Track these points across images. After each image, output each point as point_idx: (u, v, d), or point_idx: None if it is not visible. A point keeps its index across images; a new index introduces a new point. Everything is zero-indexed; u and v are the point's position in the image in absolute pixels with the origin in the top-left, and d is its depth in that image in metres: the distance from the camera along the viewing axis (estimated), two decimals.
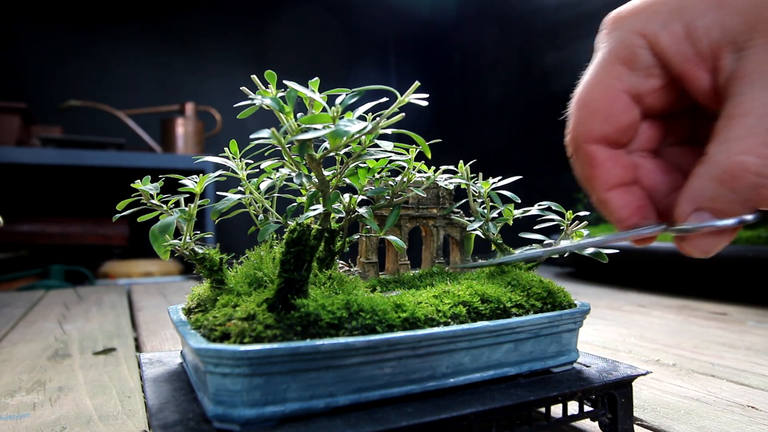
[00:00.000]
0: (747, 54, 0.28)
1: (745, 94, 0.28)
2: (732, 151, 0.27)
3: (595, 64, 0.33)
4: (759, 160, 0.27)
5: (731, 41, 0.29)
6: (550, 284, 0.44)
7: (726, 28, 0.29)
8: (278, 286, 0.33)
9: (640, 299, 1.15)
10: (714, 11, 0.29)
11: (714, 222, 0.29)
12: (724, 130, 0.28)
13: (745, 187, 0.27)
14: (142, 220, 0.43)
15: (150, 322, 0.92)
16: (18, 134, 1.87)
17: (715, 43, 0.29)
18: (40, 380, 0.59)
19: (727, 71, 0.29)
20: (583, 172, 0.34)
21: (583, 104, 0.33)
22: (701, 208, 0.29)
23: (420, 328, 0.35)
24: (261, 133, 0.37)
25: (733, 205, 0.28)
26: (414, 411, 0.33)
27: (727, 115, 0.28)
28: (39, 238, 2.02)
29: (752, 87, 0.27)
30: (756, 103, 0.27)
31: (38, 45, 2.27)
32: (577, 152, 0.33)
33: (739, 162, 0.27)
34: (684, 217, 0.30)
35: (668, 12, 0.30)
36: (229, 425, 0.30)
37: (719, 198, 0.28)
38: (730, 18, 0.28)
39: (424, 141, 0.42)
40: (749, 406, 0.50)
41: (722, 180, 0.28)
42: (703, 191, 0.29)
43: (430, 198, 0.51)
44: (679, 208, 0.30)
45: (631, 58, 0.31)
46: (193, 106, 2.21)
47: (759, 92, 0.27)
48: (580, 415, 0.40)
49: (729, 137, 0.28)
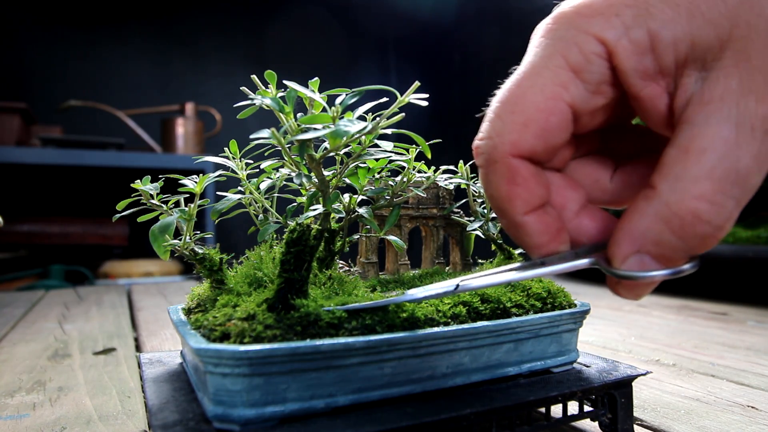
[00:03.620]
0: (713, 76, 0.24)
1: (705, 125, 0.24)
2: (686, 194, 0.24)
3: (534, 62, 0.27)
4: (713, 208, 0.24)
5: (698, 58, 0.25)
6: (550, 284, 0.44)
7: (696, 43, 0.24)
8: (278, 286, 0.33)
9: (640, 299, 1.15)
10: (685, 21, 0.24)
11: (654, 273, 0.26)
12: (678, 166, 0.24)
13: (694, 236, 0.25)
14: (142, 220, 0.43)
15: (150, 322, 0.92)
16: (18, 134, 1.87)
17: (680, 59, 0.25)
18: (40, 380, 0.59)
19: (687, 93, 0.25)
20: (498, 189, 0.28)
21: (516, 108, 0.27)
22: (642, 251, 0.26)
23: (420, 328, 0.35)
24: (261, 133, 0.37)
25: (676, 252, 0.25)
26: (414, 411, 0.33)
27: (683, 147, 0.24)
28: (39, 238, 2.02)
29: (714, 118, 0.24)
30: (716, 139, 0.24)
31: (38, 45, 2.28)
32: (493, 164, 0.27)
33: (693, 209, 0.24)
34: (623, 259, 0.26)
35: (632, 17, 0.25)
36: (229, 425, 0.30)
37: (664, 243, 0.25)
38: (703, 30, 0.24)
39: (424, 141, 0.42)
40: (749, 406, 0.50)
41: (671, 225, 0.25)
42: (647, 233, 0.25)
43: (430, 198, 0.51)
44: (618, 248, 0.26)
45: (582, 67, 0.26)
46: (193, 106, 2.21)
47: (721, 125, 0.24)
48: (580, 415, 0.40)
49: (683, 176, 0.24)
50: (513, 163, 0.27)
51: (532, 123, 0.27)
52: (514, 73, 0.28)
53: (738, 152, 0.24)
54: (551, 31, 0.27)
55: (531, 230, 0.28)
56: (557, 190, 0.30)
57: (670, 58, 0.25)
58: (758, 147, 0.24)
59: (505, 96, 0.28)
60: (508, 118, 0.27)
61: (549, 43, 0.27)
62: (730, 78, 0.24)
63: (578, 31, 0.26)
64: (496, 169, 0.28)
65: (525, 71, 0.27)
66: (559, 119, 0.27)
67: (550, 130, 0.27)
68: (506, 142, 0.27)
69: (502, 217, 0.29)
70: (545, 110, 0.26)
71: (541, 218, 0.28)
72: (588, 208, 0.31)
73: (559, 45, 0.26)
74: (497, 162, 0.27)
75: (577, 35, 0.26)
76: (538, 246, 0.29)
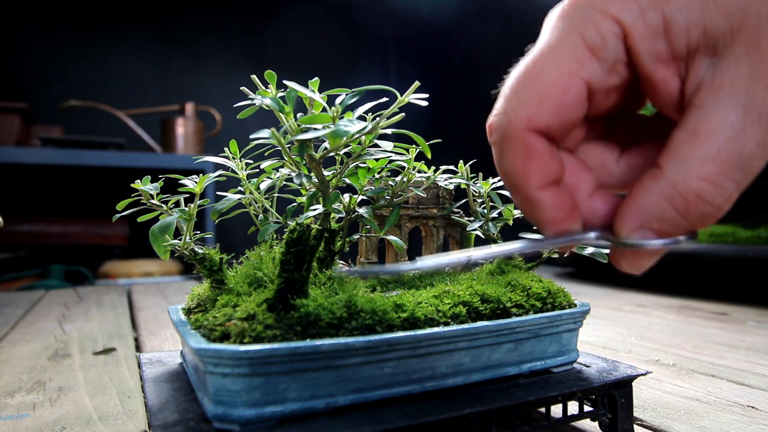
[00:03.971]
0: (724, 62, 0.25)
1: (714, 109, 0.25)
2: (690, 174, 0.25)
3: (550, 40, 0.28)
4: (715, 190, 0.25)
5: (710, 44, 0.25)
6: (550, 284, 0.44)
7: (708, 30, 0.25)
8: (278, 286, 0.33)
9: (640, 299, 1.15)
10: (698, 7, 0.25)
11: (655, 242, 0.27)
12: (685, 147, 0.25)
13: (695, 214, 0.26)
14: (142, 220, 0.43)
15: (150, 322, 0.92)
16: (18, 134, 1.87)
17: (692, 45, 0.26)
18: (40, 380, 0.59)
19: (698, 78, 0.26)
20: (513, 164, 0.28)
21: (533, 84, 0.27)
22: (645, 227, 0.27)
23: (420, 328, 0.35)
24: (261, 133, 0.37)
25: (677, 228, 0.27)
26: (414, 411, 0.33)
27: (691, 129, 0.25)
28: (39, 238, 2.02)
29: (723, 103, 0.25)
30: (724, 123, 0.25)
31: (38, 45, 2.27)
32: (509, 139, 0.28)
33: (696, 189, 0.25)
34: (627, 233, 0.28)
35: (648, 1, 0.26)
36: (229, 425, 0.30)
37: (667, 220, 0.27)
38: (715, 18, 0.25)
39: (424, 141, 0.42)
40: (749, 406, 0.50)
41: (674, 203, 0.26)
42: (651, 209, 0.27)
43: (430, 198, 0.51)
44: (622, 222, 0.28)
45: (599, 45, 0.27)
46: (193, 106, 2.21)
47: (729, 110, 0.25)
48: (580, 415, 0.40)
49: (690, 156, 0.25)
50: (528, 137, 0.27)
51: (549, 98, 0.27)
52: (530, 52, 0.28)
53: (744, 137, 0.25)
54: (568, 13, 0.28)
55: (545, 206, 0.28)
56: (571, 170, 0.30)
57: (683, 43, 0.26)
58: (763, 133, 0.25)
59: (521, 73, 0.28)
60: (524, 94, 0.27)
61: (566, 22, 0.27)
62: (741, 65, 0.25)
63: (595, 12, 0.26)
64: (511, 143, 0.28)
65: (542, 49, 0.28)
66: (575, 95, 0.27)
67: (566, 105, 0.27)
68: (522, 116, 0.27)
69: (516, 193, 0.29)
70: (562, 86, 0.27)
71: (555, 194, 0.28)
72: (600, 191, 0.31)
73: (577, 24, 0.27)
74: (512, 137, 0.28)
75: (595, 15, 0.26)
76: (551, 222, 0.29)
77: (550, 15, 0.29)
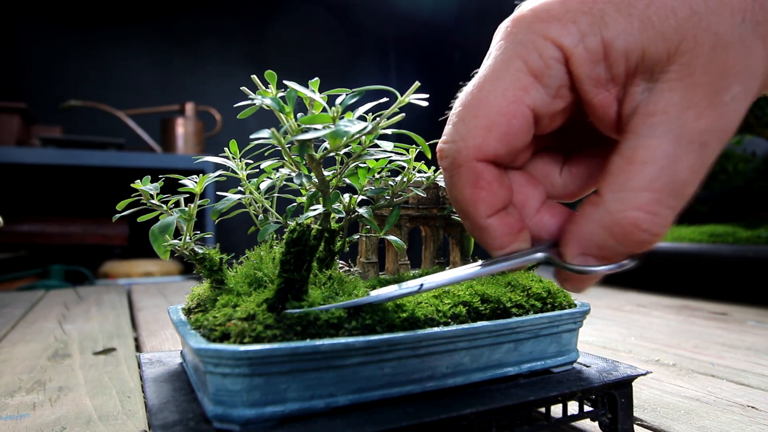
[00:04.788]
0: (658, 88, 0.25)
1: (648, 137, 0.25)
2: (627, 204, 0.26)
3: (495, 66, 0.28)
4: (651, 218, 0.26)
5: (647, 69, 0.25)
6: (550, 284, 0.44)
7: (646, 54, 0.25)
8: (278, 286, 0.33)
9: (640, 299, 1.15)
10: (637, 31, 0.25)
11: (600, 268, 0.28)
12: (622, 176, 0.26)
13: (633, 241, 0.27)
14: (142, 220, 0.43)
15: (150, 322, 0.92)
16: (18, 134, 1.87)
17: (631, 69, 0.26)
18: (40, 380, 0.59)
19: (634, 102, 0.26)
20: (463, 192, 0.28)
21: (479, 112, 0.27)
22: (587, 254, 0.28)
23: (420, 328, 0.35)
24: (261, 133, 0.37)
25: (617, 255, 0.28)
26: (414, 411, 0.33)
27: (627, 157, 0.26)
28: (39, 238, 2.02)
29: (657, 130, 0.25)
30: (657, 152, 0.25)
31: (38, 45, 2.27)
32: (458, 168, 0.28)
33: (633, 219, 0.26)
34: (570, 259, 0.29)
35: (588, 25, 0.25)
36: (228, 425, 0.30)
37: (606, 248, 0.27)
38: (653, 42, 0.25)
39: (424, 141, 0.42)
40: (749, 406, 0.50)
41: (613, 232, 0.27)
42: (592, 238, 0.27)
43: (430, 198, 0.51)
44: (566, 248, 0.29)
45: (542, 71, 0.27)
46: (193, 106, 2.21)
47: (662, 138, 0.25)
48: (580, 415, 0.40)
49: (626, 186, 0.26)
50: (477, 167, 0.28)
51: (495, 127, 0.27)
52: (476, 77, 0.29)
53: (676, 165, 0.25)
54: (511, 35, 0.27)
55: (494, 232, 0.29)
56: (518, 189, 0.31)
57: (621, 68, 0.26)
58: (694, 160, 0.25)
59: (467, 99, 0.28)
60: (471, 122, 0.28)
61: (509, 46, 0.27)
62: (674, 92, 0.25)
63: (536, 35, 0.26)
64: (461, 172, 0.28)
65: (486, 75, 0.28)
66: (521, 123, 0.27)
67: (513, 133, 0.27)
68: (470, 146, 0.28)
69: (466, 219, 0.30)
70: (507, 114, 0.27)
71: (503, 220, 0.29)
72: (547, 204, 0.32)
73: (519, 49, 0.27)
74: (461, 166, 0.28)
75: (536, 39, 0.26)
76: (500, 246, 0.30)
77: (496, 33, 0.29)
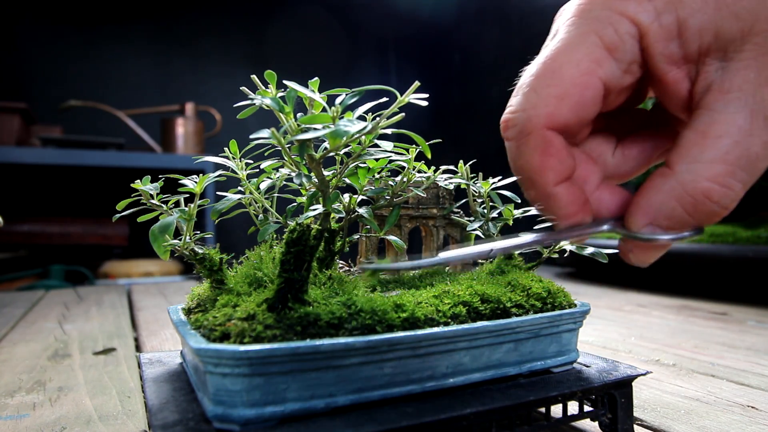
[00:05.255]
0: (733, 66, 0.26)
1: (723, 112, 0.26)
2: (700, 175, 0.26)
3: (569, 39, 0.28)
4: (723, 191, 0.26)
5: (720, 48, 0.26)
6: (550, 284, 0.44)
7: (720, 33, 0.26)
8: (278, 286, 0.33)
9: (640, 299, 1.15)
10: (711, 11, 0.26)
11: (667, 236, 0.28)
12: (695, 148, 0.26)
13: (702, 213, 0.27)
14: (142, 220, 0.43)
15: (150, 322, 0.92)
16: (18, 134, 1.87)
17: (704, 48, 0.26)
18: (40, 380, 0.59)
19: (708, 80, 0.27)
20: (531, 160, 0.29)
21: (552, 81, 0.28)
22: (655, 223, 0.28)
23: (420, 328, 0.35)
24: (261, 133, 0.37)
25: (685, 225, 0.28)
26: (414, 411, 0.33)
27: (701, 131, 0.26)
28: (39, 238, 2.01)
29: (732, 106, 0.26)
30: (732, 127, 0.26)
31: (38, 45, 2.27)
32: (527, 136, 0.28)
33: (705, 189, 0.26)
34: (637, 228, 0.29)
35: (663, 3, 0.26)
36: (228, 425, 0.30)
37: (676, 218, 0.28)
38: (727, 22, 0.26)
39: (424, 141, 0.42)
40: (749, 406, 0.50)
41: (684, 202, 0.27)
42: (661, 207, 0.28)
43: (430, 198, 0.51)
44: (633, 217, 0.29)
45: (616, 45, 0.27)
46: (193, 106, 2.21)
47: (738, 114, 0.26)
48: (580, 415, 0.40)
49: (699, 158, 0.26)
50: (547, 134, 0.28)
51: (568, 96, 0.27)
52: (546, 50, 0.29)
53: (750, 139, 0.26)
54: (585, 11, 0.28)
55: (561, 200, 0.29)
56: (580, 165, 0.31)
57: (695, 46, 0.26)
58: None
59: (539, 69, 0.28)
60: (543, 91, 0.28)
61: (583, 21, 0.28)
62: (749, 70, 0.26)
63: (613, 12, 0.27)
64: (529, 140, 0.28)
65: (560, 47, 0.28)
66: (593, 94, 0.28)
67: (584, 104, 0.28)
68: (541, 114, 0.28)
69: (532, 188, 0.30)
70: (581, 84, 0.27)
71: (569, 189, 0.29)
72: (606, 183, 0.32)
73: (594, 24, 0.27)
74: (531, 133, 0.28)
75: (612, 15, 0.27)
76: (567, 216, 0.30)
77: (562, 12, 0.30)
